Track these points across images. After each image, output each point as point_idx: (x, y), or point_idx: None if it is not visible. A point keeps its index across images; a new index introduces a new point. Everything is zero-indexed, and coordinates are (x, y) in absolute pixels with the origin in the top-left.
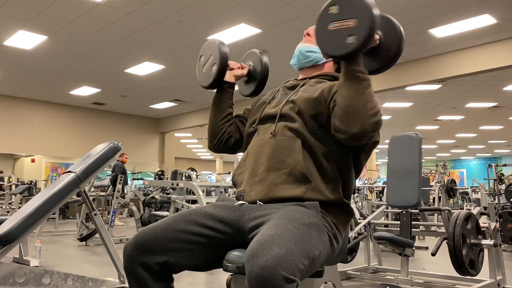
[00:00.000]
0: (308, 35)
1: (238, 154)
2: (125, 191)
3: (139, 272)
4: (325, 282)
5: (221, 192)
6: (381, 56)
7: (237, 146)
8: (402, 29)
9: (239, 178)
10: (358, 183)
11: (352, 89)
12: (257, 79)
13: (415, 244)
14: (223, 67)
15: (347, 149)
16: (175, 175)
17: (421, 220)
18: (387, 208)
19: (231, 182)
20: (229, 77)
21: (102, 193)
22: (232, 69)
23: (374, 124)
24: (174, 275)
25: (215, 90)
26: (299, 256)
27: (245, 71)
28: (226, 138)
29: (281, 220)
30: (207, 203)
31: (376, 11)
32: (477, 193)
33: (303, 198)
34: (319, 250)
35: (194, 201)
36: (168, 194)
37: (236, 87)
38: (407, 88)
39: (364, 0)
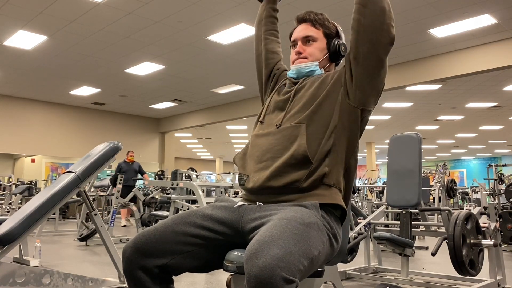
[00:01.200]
0: (300, 53)
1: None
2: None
3: (139, 275)
4: (325, 282)
5: (221, 192)
6: None
7: (274, 36)
8: None
9: (241, 161)
10: (358, 183)
11: None
12: None
13: (415, 244)
14: None
15: (354, 129)
16: (175, 175)
17: (421, 220)
18: (387, 208)
19: (231, 182)
20: None
21: (102, 193)
22: None
23: (393, 29)
24: (174, 277)
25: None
26: (298, 256)
27: None
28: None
29: (280, 221)
30: (207, 203)
31: None
32: (477, 193)
33: (303, 187)
34: (319, 250)
35: (194, 201)
36: (168, 194)
37: (238, 87)
38: (407, 88)
39: None
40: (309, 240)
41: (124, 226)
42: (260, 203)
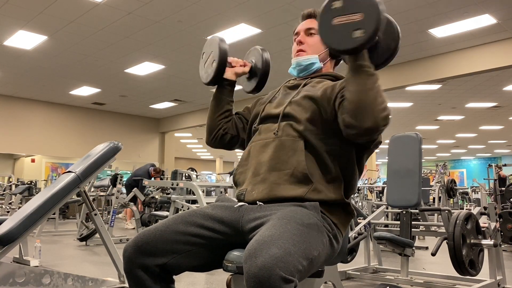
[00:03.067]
0: (301, 42)
1: (238, 152)
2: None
3: (139, 274)
4: (325, 282)
5: (221, 192)
6: (378, 52)
7: (233, 142)
8: (397, 25)
9: (240, 178)
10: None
11: (361, 84)
12: (258, 75)
13: (415, 244)
14: (223, 63)
15: (350, 148)
16: (175, 175)
17: (421, 220)
18: (387, 208)
19: (231, 182)
20: (230, 74)
21: (102, 193)
22: (233, 66)
23: (385, 118)
24: (174, 276)
25: (215, 87)
26: (297, 256)
27: (247, 69)
28: (222, 134)
29: (280, 221)
30: (207, 203)
31: (382, 6)
32: (477, 193)
33: (304, 199)
34: (318, 251)
35: (194, 201)
36: (168, 194)
37: (239, 86)
38: (407, 88)
39: None
40: (308, 241)
41: (133, 228)
42: (260, 203)
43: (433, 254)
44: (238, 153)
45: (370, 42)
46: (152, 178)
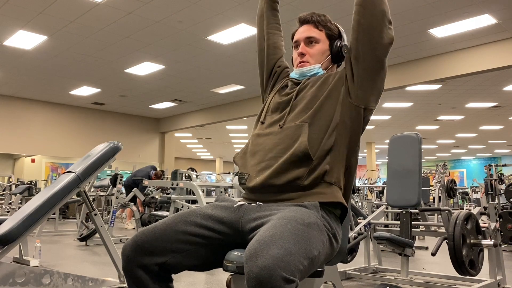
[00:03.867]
0: (303, 54)
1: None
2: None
3: (138, 273)
4: (325, 282)
5: (221, 192)
6: None
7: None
8: None
9: (241, 160)
10: (358, 183)
11: None
12: None
13: (415, 244)
14: None
15: (352, 131)
16: (175, 175)
17: (421, 220)
18: (387, 208)
19: (231, 182)
20: None
21: (102, 193)
22: None
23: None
24: (173, 275)
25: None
26: (298, 256)
27: None
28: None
29: (280, 221)
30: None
31: None
32: (477, 193)
33: (304, 184)
34: (319, 250)
35: (194, 201)
36: (168, 194)
37: (238, 87)
38: (407, 88)
39: None
40: (309, 240)
41: (133, 228)
42: (260, 203)
43: (433, 254)
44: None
45: None
46: None
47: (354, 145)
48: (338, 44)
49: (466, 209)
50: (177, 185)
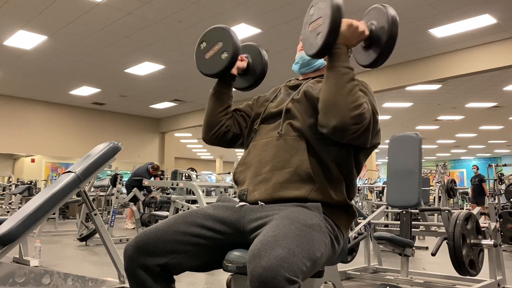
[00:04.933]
0: None
1: (238, 152)
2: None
3: (140, 274)
4: (325, 282)
5: (221, 192)
6: (373, 47)
7: (234, 140)
8: (391, 13)
9: (241, 177)
10: (358, 183)
11: (332, 83)
12: (256, 73)
13: (415, 244)
14: (235, 57)
15: (349, 149)
16: (175, 175)
17: (421, 220)
18: (387, 208)
19: (231, 182)
20: (234, 69)
21: (102, 193)
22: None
23: (355, 117)
24: (174, 276)
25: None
26: (301, 257)
27: (244, 64)
28: (224, 132)
29: (283, 221)
30: (207, 203)
31: (336, 1)
32: None
33: (308, 199)
34: (321, 252)
35: (194, 201)
36: (168, 194)
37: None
38: (407, 88)
39: None
40: (312, 242)
41: (133, 228)
42: (262, 203)
43: (433, 254)
44: (239, 152)
45: (328, 43)
46: (152, 179)
47: (351, 163)
48: None
49: (466, 209)
50: (177, 185)
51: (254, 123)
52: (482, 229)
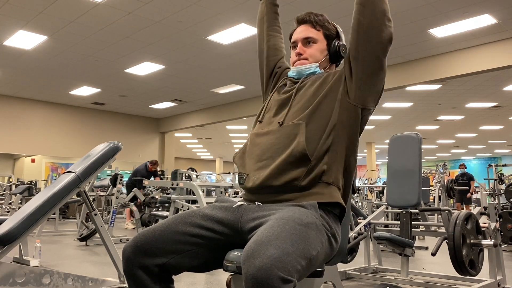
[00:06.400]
0: (300, 54)
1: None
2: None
3: (139, 274)
4: (325, 282)
5: (221, 192)
6: None
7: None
8: None
9: (240, 160)
10: (358, 183)
11: None
12: None
13: (415, 244)
14: None
15: (344, 130)
16: (175, 175)
17: (421, 220)
18: (387, 208)
19: (231, 182)
20: None
21: (102, 193)
22: None
23: (389, 20)
24: (173, 276)
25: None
26: (296, 256)
27: None
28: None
29: (278, 221)
30: (207, 203)
31: None
32: (477, 193)
33: (302, 185)
34: (317, 250)
35: (194, 201)
36: (168, 194)
37: (238, 87)
38: (407, 88)
39: None
40: (307, 240)
41: (133, 228)
42: (259, 203)
43: (433, 254)
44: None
45: None
46: (152, 178)
47: (353, 145)
48: (336, 43)
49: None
50: (177, 185)
51: (260, 114)
52: (482, 229)
